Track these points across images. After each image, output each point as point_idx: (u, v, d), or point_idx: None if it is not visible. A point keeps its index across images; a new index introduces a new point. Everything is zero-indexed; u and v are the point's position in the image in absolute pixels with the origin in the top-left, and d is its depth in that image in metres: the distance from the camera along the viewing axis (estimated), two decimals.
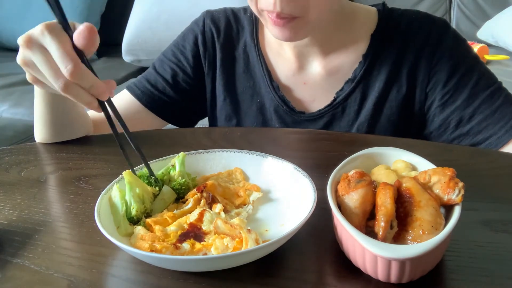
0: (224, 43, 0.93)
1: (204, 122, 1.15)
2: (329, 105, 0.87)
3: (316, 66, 0.88)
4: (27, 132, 1.71)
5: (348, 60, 0.86)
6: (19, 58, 0.60)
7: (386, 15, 0.86)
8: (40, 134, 0.82)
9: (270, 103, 0.90)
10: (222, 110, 0.94)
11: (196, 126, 1.05)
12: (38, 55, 0.57)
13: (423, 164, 0.55)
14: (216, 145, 0.69)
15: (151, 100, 0.94)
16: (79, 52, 0.56)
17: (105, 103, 0.59)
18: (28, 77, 0.63)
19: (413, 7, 2.47)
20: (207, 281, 0.47)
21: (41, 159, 0.76)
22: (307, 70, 0.89)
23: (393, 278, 0.45)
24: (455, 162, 0.54)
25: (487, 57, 2.14)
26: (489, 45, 2.23)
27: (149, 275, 0.49)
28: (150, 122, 0.95)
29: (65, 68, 0.54)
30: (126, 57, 2.25)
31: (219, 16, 0.95)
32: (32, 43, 0.57)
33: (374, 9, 0.88)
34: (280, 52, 0.90)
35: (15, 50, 2.39)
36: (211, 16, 0.95)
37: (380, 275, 0.45)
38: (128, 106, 0.93)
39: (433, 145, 0.78)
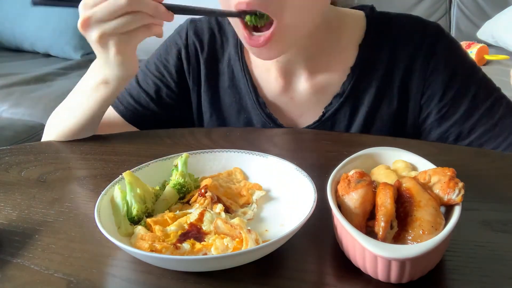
0: (207, 57, 0.90)
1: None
2: (317, 120, 0.84)
3: (303, 82, 0.84)
4: (27, 132, 1.71)
5: (336, 73, 0.82)
6: (94, 37, 0.65)
7: (374, 21, 0.82)
8: (63, 132, 0.80)
9: (257, 120, 0.87)
10: (208, 126, 0.92)
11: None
12: (95, 11, 0.62)
13: (423, 164, 0.55)
14: (216, 145, 0.69)
15: (135, 116, 0.91)
16: None
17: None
18: (113, 46, 0.66)
19: (413, 7, 2.47)
20: (207, 281, 0.47)
21: (41, 159, 0.76)
22: (294, 86, 0.85)
23: (393, 278, 0.45)
24: (455, 162, 0.54)
25: (487, 57, 2.14)
26: (489, 45, 2.23)
27: (149, 275, 0.49)
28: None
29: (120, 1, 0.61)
30: None
31: (203, 28, 0.91)
32: (85, 14, 0.63)
33: (362, 14, 0.83)
34: (266, 67, 0.86)
35: (15, 50, 2.38)
36: (194, 28, 0.91)
37: (380, 275, 0.45)
38: (111, 121, 0.90)
39: (433, 145, 0.78)
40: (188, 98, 0.93)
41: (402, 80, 0.79)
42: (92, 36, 0.65)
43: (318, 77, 0.83)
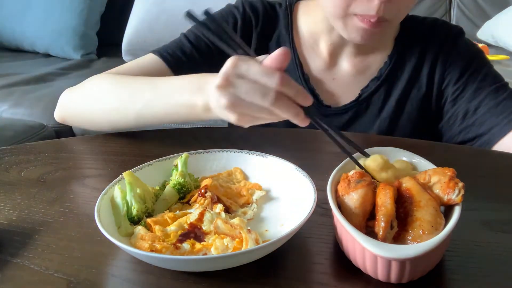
0: (260, 31, 0.95)
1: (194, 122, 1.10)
2: (354, 100, 0.91)
3: (346, 64, 0.92)
4: (27, 132, 1.70)
5: (375, 60, 0.92)
6: (223, 103, 0.56)
7: (408, 21, 0.91)
8: (104, 123, 0.79)
9: None
10: None
11: (185, 127, 1.02)
12: (241, 83, 0.54)
13: (423, 164, 0.55)
14: (216, 145, 0.69)
15: (179, 63, 0.89)
16: None
17: (311, 112, 0.56)
18: (234, 120, 0.57)
19: (414, 7, 2.46)
20: (207, 281, 0.47)
21: (41, 159, 0.76)
22: (338, 67, 0.92)
23: (393, 278, 0.45)
24: (455, 162, 0.54)
25: (487, 57, 2.14)
26: (489, 45, 2.23)
27: (149, 275, 0.49)
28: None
29: (272, 77, 0.53)
30: (126, 57, 2.25)
31: (258, 6, 0.96)
32: (230, 78, 0.54)
33: None
34: (313, 47, 0.93)
35: (15, 50, 2.37)
36: (249, 3, 0.96)
37: (380, 275, 0.45)
38: (153, 68, 0.87)
39: (433, 145, 0.78)
40: None
41: (429, 70, 0.89)
42: (221, 100, 0.56)
43: (360, 61, 0.92)
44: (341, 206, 0.49)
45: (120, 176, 0.58)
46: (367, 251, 0.44)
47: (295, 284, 0.47)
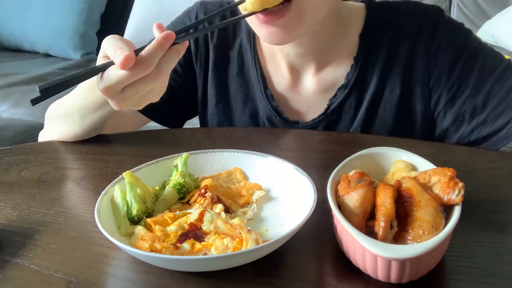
0: (218, 42, 0.87)
1: (193, 122, 1.10)
2: (323, 113, 0.83)
3: (310, 77, 0.84)
4: (27, 132, 1.71)
5: (342, 66, 0.82)
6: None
7: (373, 10, 0.81)
8: (66, 132, 0.80)
9: (263, 111, 0.86)
10: (214, 114, 0.90)
11: (184, 127, 1.03)
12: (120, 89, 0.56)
13: (423, 164, 0.55)
14: (216, 145, 0.69)
15: None
16: None
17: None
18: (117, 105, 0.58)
19: None
20: (207, 281, 0.47)
21: (41, 159, 0.76)
22: (301, 81, 0.85)
23: (393, 278, 0.45)
24: (455, 162, 0.54)
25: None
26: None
27: (149, 275, 0.49)
28: (135, 120, 0.91)
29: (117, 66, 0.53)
30: None
31: (214, 11, 0.83)
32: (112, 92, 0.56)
33: (362, 5, 0.83)
34: (275, 60, 0.85)
35: (15, 50, 2.38)
36: (204, 9, 0.88)
37: (380, 275, 0.45)
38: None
39: (433, 145, 0.78)
40: (194, 85, 0.91)
41: (405, 66, 0.78)
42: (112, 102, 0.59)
43: (325, 71, 0.83)
44: (341, 206, 0.49)
45: (120, 176, 0.58)
46: (367, 251, 0.44)
47: (295, 284, 0.47)
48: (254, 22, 0.70)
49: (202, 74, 0.89)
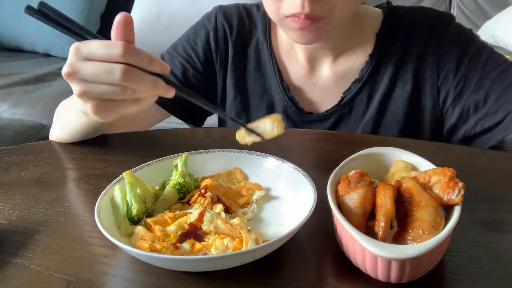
0: (236, 40, 0.93)
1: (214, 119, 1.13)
2: (336, 105, 0.88)
3: (326, 69, 0.89)
4: (27, 132, 1.71)
5: (356, 61, 0.87)
6: (76, 92, 0.55)
7: (390, 13, 0.87)
8: (61, 135, 0.81)
9: (279, 103, 0.91)
10: (231, 107, 0.94)
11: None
12: (86, 65, 0.53)
13: (423, 164, 0.55)
14: (216, 145, 0.69)
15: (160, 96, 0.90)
16: None
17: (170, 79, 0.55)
18: (90, 109, 0.55)
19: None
20: (207, 281, 0.47)
21: (41, 159, 0.76)
22: (317, 72, 0.90)
23: (393, 278, 0.45)
24: (455, 162, 0.54)
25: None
26: None
27: (149, 275, 0.49)
28: (159, 117, 0.95)
29: (114, 48, 0.51)
30: None
31: (232, 12, 0.94)
32: (74, 64, 0.53)
33: (380, 10, 0.90)
34: (291, 53, 0.91)
35: (15, 50, 2.37)
36: (223, 12, 0.94)
37: (380, 275, 0.45)
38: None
39: (433, 145, 0.78)
40: (213, 81, 0.95)
41: (417, 64, 0.84)
42: (74, 88, 0.56)
43: (340, 64, 0.88)
44: (341, 206, 0.49)
45: (120, 176, 0.58)
46: (367, 251, 0.44)
47: (295, 284, 0.47)
48: (290, 27, 0.75)
49: (222, 71, 0.95)
